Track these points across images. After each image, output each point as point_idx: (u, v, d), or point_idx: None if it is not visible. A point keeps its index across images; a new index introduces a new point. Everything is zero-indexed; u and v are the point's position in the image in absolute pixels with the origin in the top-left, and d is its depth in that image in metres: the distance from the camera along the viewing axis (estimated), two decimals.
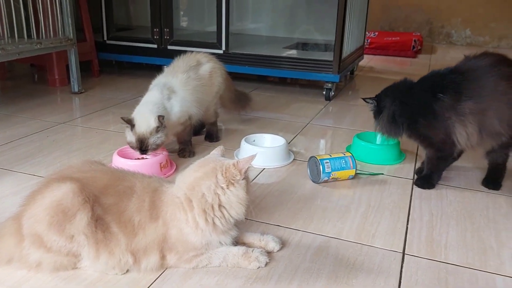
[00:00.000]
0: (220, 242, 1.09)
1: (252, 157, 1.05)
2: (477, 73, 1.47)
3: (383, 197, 1.48)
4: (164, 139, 1.56)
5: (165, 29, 2.96)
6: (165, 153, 1.63)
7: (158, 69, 3.13)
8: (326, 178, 1.55)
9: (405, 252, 1.17)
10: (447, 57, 4.54)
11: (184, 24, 3.79)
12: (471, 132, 1.45)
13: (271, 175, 1.64)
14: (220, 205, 1.06)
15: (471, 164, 1.77)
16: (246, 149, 1.74)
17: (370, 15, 3.65)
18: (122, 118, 1.57)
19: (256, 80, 3.19)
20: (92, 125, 2.14)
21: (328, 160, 1.54)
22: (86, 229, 1.01)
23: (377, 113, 1.61)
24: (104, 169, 1.14)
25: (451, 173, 1.69)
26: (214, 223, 1.06)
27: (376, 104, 1.61)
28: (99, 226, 1.03)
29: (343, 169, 1.55)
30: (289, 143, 1.96)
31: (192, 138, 1.84)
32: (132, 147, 1.57)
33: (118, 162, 1.57)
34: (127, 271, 1.06)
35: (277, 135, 1.88)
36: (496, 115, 1.44)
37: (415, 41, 4.63)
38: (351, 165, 1.56)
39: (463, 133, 1.46)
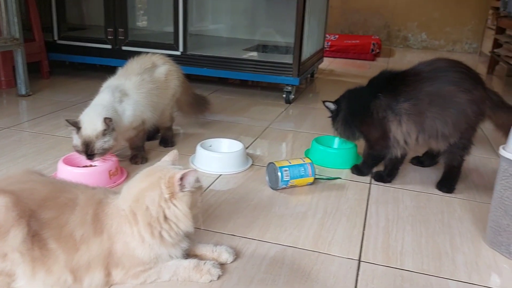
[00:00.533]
0: (170, 255, 1.03)
1: (194, 171, 1.00)
2: (420, 77, 1.51)
3: (340, 202, 1.46)
4: (112, 143, 1.49)
5: (120, 29, 2.86)
6: (114, 159, 1.55)
7: (113, 71, 2.99)
8: (284, 186, 1.51)
9: (361, 260, 1.15)
10: (404, 60, 4.64)
11: (140, 24, 3.68)
12: (407, 132, 1.50)
13: (228, 182, 1.59)
14: (166, 219, 1.00)
15: (426, 168, 1.78)
16: (201, 154, 1.68)
17: (331, 19, 3.68)
18: (67, 120, 1.48)
19: (217, 82, 3.14)
20: (40, 129, 2.02)
21: (287, 168, 1.50)
22: (21, 246, 0.93)
23: (335, 116, 1.63)
24: (44, 180, 1.06)
25: (408, 176, 1.69)
26: (161, 236, 1.01)
27: (336, 108, 1.64)
28: (36, 243, 0.95)
29: (302, 177, 1.52)
30: (247, 147, 1.92)
31: (145, 143, 1.76)
32: (78, 151, 1.48)
33: (64, 170, 1.48)
34: None
35: (235, 139, 1.84)
36: (438, 118, 1.47)
37: (373, 44, 4.71)
38: (310, 172, 1.53)
39: (399, 132, 1.51)
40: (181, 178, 0.99)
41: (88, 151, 1.46)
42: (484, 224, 1.36)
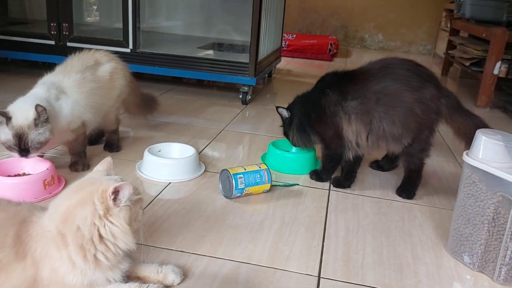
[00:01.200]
0: (107, 280, 0.91)
1: (128, 184, 0.88)
2: (368, 75, 1.47)
3: (299, 211, 1.38)
4: (48, 136, 1.33)
5: (64, 24, 2.66)
6: (50, 166, 1.39)
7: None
8: (239, 194, 1.41)
9: (321, 276, 1.07)
10: (361, 60, 4.64)
11: (88, 19, 3.47)
12: (357, 131, 1.46)
13: (178, 190, 1.47)
14: (101, 238, 0.88)
15: (386, 172, 1.74)
16: (149, 161, 1.56)
17: (288, 18, 3.62)
18: None
19: (170, 82, 2.99)
20: None
21: (241, 175, 1.40)
22: None
23: (289, 124, 1.59)
24: None
25: (367, 181, 1.64)
26: (96, 258, 0.88)
27: (289, 115, 1.60)
28: None
29: (257, 184, 1.43)
30: (200, 152, 1.81)
31: (86, 148, 1.61)
32: (9, 147, 1.32)
33: None
34: None
35: (187, 143, 1.72)
36: (385, 118, 1.43)
37: (331, 44, 4.70)
38: (266, 179, 1.44)
39: (349, 131, 1.46)
40: (115, 192, 0.87)
41: (22, 144, 1.30)
42: (445, 230, 1.32)
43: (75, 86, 1.48)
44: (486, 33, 2.92)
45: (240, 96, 2.63)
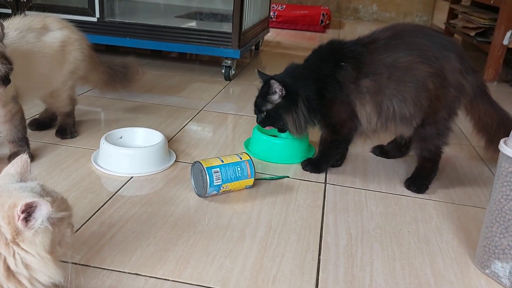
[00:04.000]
0: None
1: (46, 203, 0.61)
2: (377, 46, 1.21)
3: (289, 212, 1.12)
4: None
5: None
6: None
7: None
8: (215, 192, 1.15)
9: None
10: (355, 32, 4.35)
11: None
12: (369, 113, 1.22)
13: (141, 187, 1.20)
14: (10, 272, 0.62)
15: (392, 160, 1.48)
16: (106, 150, 1.28)
17: None
18: None
19: (148, 56, 2.68)
20: None
21: (218, 169, 1.14)
22: None
23: (287, 104, 1.25)
24: None
25: (370, 172, 1.38)
26: None
27: (284, 93, 1.26)
28: None
29: (238, 179, 1.16)
30: (172, 137, 1.53)
31: (27, 133, 1.32)
32: None
33: None
34: None
35: (155, 128, 1.44)
36: (397, 96, 1.19)
37: (323, 15, 4.39)
38: (249, 173, 1.18)
39: (363, 112, 1.22)
40: (26, 209, 0.60)
41: None
42: (468, 234, 1.07)
43: (9, 44, 1.19)
44: None
45: (223, 70, 2.34)
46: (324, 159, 1.33)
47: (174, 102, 1.92)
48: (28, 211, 0.61)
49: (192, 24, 2.62)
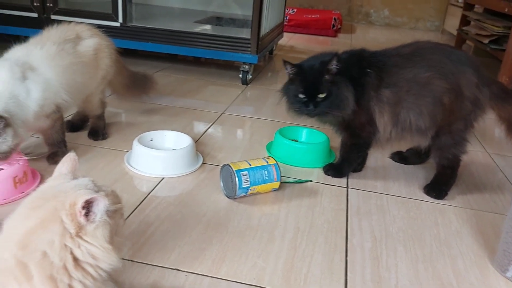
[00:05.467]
0: None
1: (102, 197, 0.67)
2: (399, 60, 1.28)
3: (315, 215, 1.17)
4: (13, 143, 1.11)
5: None
6: (22, 162, 1.18)
7: None
8: (243, 194, 1.21)
9: None
10: (367, 37, 4.40)
11: None
12: (386, 122, 1.28)
13: (173, 188, 1.26)
14: (77, 262, 0.68)
15: (410, 166, 1.53)
16: (139, 152, 1.34)
17: None
18: None
19: (165, 59, 2.75)
20: None
21: (246, 172, 1.20)
22: None
23: (345, 83, 1.26)
24: None
25: (390, 177, 1.43)
26: None
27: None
28: None
29: (265, 182, 1.22)
30: (197, 140, 1.60)
31: (65, 135, 1.39)
32: None
33: None
34: None
35: (183, 131, 1.51)
36: (414, 109, 1.25)
37: (335, 19, 4.44)
38: (275, 176, 1.23)
39: (381, 121, 1.28)
40: (86, 206, 0.66)
41: None
42: (487, 239, 1.12)
43: (49, 58, 1.25)
44: (509, 8, 2.68)
45: (240, 75, 2.40)
46: (346, 164, 1.38)
47: (195, 106, 1.98)
48: (88, 207, 0.67)
49: (211, 29, 2.68)
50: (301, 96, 1.26)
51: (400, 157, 1.54)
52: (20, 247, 0.65)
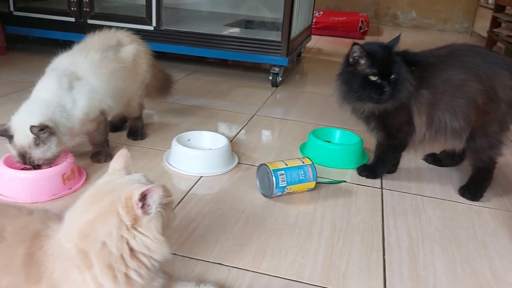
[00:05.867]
0: None
1: (157, 187, 0.71)
2: (436, 62, 1.29)
3: (351, 214, 1.20)
4: (56, 151, 1.18)
5: (85, 0, 2.49)
6: (70, 159, 1.24)
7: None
8: (279, 193, 1.24)
9: None
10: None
11: None
12: (421, 123, 1.29)
13: (211, 186, 1.31)
14: (133, 252, 0.72)
15: (444, 168, 1.54)
16: (178, 152, 1.39)
17: None
18: None
19: (195, 62, 2.81)
20: None
21: (283, 171, 1.23)
22: None
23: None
24: None
25: (424, 179, 1.44)
26: (128, 277, 0.72)
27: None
28: None
29: (301, 182, 1.25)
30: (232, 140, 1.64)
31: (109, 136, 1.45)
32: (19, 162, 1.18)
33: (5, 173, 1.17)
34: None
35: (217, 131, 1.55)
36: (449, 110, 1.26)
37: (362, 21, 4.43)
38: (311, 176, 1.26)
39: (418, 122, 1.29)
40: (142, 198, 0.70)
41: (27, 162, 1.16)
42: None
43: (93, 66, 1.31)
44: None
45: (270, 77, 2.44)
46: (381, 164, 1.40)
47: (227, 107, 2.02)
48: (143, 200, 0.71)
49: (241, 32, 2.72)
50: (373, 78, 1.23)
51: (433, 159, 1.54)
52: (81, 237, 0.70)
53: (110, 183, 0.77)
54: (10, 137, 1.16)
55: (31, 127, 1.12)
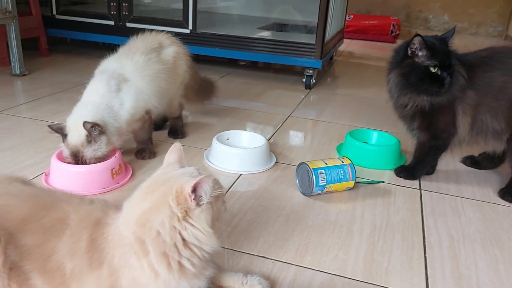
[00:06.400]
0: None
1: (208, 177, 0.74)
2: (478, 64, 1.30)
3: (390, 213, 1.21)
4: (106, 149, 1.24)
5: (124, 4, 2.58)
6: (118, 155, 1.30)
7: (116, 49, 2.75)
8: (319, 191, 1.26)
9: None
10: None
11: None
12: (465, 124, 1.29)
13: (251, 183, 1.34)
14: (185, 242, 0.76)
15: (482, 170, 1.53)
16: (219, 150, 1.43)
17: None
18: (50, 127, 1.25)
19: (226, 64, 2.86)
20: (35, 115, 1.77)
21: (323, 170, 1.25)
22: None
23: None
24: (25, 193, 0.81)
25: (463, 181, 1.44)
26: (181, 266, 0.76)
27: None
28: (14, 278, 0.71)
29: (340, 181, 1.27)
30: (268, 140, 1.67)
31: (152, 134, 1.51)
32: (71, 162, 1.24)
33: (57, 167, 1.24)
34: None
35: (255, 132, 1.58)
36: (490, 112, 1.27)
37: (393, 25, 4.41)
38: (350, 175, 1.28)
39: (462, 122, 1.29)
40: (193, 190, 0.73)
41: (79, 162, 1.22)
42: None
43: (139, 69, 1.37)
44: None
45: (304, 79, 2.47)
46: (420, 166, 1.40)
47: (263, 108, 2.06)
48: (195, 192, 0.74)
49: (275, 35, 2.76)
50: (433, 70, 1.24)
51: (472, 161, 1.53)
52: (138, 225, 0.74)
53: (165, 175, 0.81)
54: (64, 136, 1.23)
55: (84, 123, 1.18)
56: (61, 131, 1.24)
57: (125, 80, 1.33)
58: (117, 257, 0.75)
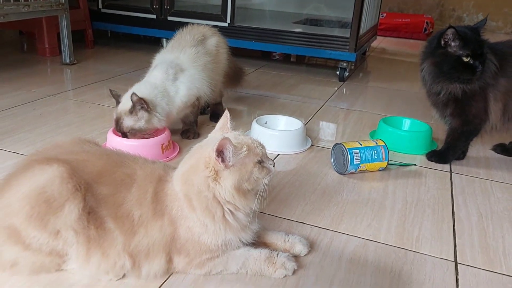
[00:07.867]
0: (240, 240, 0.89)
1: (225, 139, 0.79)
2: (510, 52, 1.36)
3: (421, 192, 1.28)
4: (144, 126, 1.35)
5: None
6: (167, 133, 1.41)
7: (157, 42, 2.91)
8: (353, 170, 1.34)
9: (458, 261, 0.98)
10: None
11: None
12: (497, 110, 1.34)
13: (288, 162, 1.43)
14: (217, 201, 0.84)
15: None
16: (258, 131, 1.53)
17: None
18: (110, 90, 1.40)
19: (260, 58, 2.96)
20: (85, 99, 1.91)
21: (357, 150, 1.33)
22: (76, 223, 0.80)
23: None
24: (98, 151, 0.93)
25: (493, 166, 1.49)
26: (225, 219, 0.86)
27: None
28: (92, 221, 0.82)
29: (374, 161, 1.34)
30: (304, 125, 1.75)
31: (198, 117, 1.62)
32: (114, 128, 1.39)
33: (113, 140, 1.36)
34: (124, 276, 0.86)
35: (292, 117, 1.67)
36: None
37: (427, 23, 4.42)
38: (383, 156, 1.35)
39: (494, 109, 1.34)
40: (218, 154, 0.81)
41: (118, 127, 1.36)
42: None
43: (191, 60, 1.50)
44: None
45: (338, 72, 2.54)
46: (452, 150, 1.46)
47: (296, 99, 2.15)
48: (221, 154, 0.81)
49: (309, 28, 2.84)
50: (466, 59, 1.30)
51: (502, 149, 1.58)
52: (182, 182, 0.85)
53: (207, 139, 0.91)
54: (118, 103, 1.37)
55: (132, 94, 1.31)
56: (116, 98, 1.37)
57: (182, 70, 1.46)
58: (174, 209, 0.86)
